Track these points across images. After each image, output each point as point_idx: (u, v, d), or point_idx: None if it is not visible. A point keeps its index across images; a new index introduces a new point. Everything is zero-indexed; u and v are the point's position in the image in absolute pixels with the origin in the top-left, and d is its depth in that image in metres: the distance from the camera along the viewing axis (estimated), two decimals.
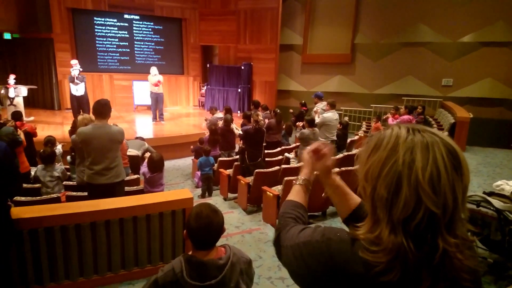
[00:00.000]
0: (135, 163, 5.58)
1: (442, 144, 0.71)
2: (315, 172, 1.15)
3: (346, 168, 4.51)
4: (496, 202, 3.02)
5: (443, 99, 10.16)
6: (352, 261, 0.74)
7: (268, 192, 4.31)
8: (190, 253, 1.53)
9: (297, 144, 7.02)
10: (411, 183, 0.68)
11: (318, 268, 0.79)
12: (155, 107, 9.73)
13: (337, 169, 4.40)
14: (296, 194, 1.11)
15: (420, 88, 10.58)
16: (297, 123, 6.63)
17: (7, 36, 10.06)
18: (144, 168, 4.30)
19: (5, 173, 2.36)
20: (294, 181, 1.15)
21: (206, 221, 1.47)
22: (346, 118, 9.20)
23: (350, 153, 5.79)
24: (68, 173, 4.92)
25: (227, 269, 1.46)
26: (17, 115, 5.96)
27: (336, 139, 6.39)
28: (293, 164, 5.56)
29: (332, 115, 6.25)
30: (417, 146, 0.70)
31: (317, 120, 6.09)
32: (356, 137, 8.10)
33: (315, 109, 7.34)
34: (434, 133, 0.73)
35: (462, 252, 0.69)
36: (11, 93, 7.93)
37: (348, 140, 7.38)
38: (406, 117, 6.58)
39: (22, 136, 5.05)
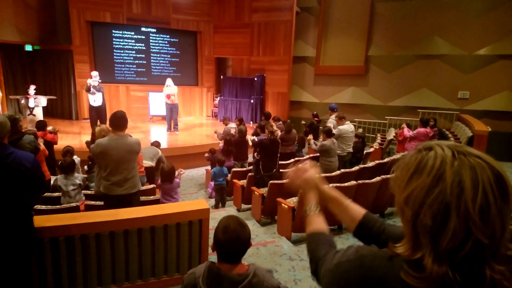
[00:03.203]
0: (149, 173, 5.65)
1: (489, 169, 0.67)
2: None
3: (363, 181, 4.46)
4: None
5: (460, 112, 10.01)
6: (390, 278, 0.73)
7: (283, 204, 4.28)
8: (216, 263, 1.54)
9: (311, 155, 6.99)
10: (461, 214, 0.65)
11: (353, 286, 0.78)
12: (170, 117, 9.87)
13: (354, 182, 4.35)
14: (317, 223, 1.08)
15: (436, 100, 10.45)
16: (308, 137, 6.60)
17: (28, 48, 10.44)
18: (159, 180, 4.34)
19: (34, 183, 2.43)
20: (305, 212, 1.12)
21: (233, 235, 1.47)
22: (361, 130, 9.12)
23: (365, 165, 5.73)
24: (86, 182, 5.01)
25: (242, 287, 1.44)
26: (41, 125, 6.11)
27: (352, 151, 6.34)
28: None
29: (348, 127, 6.23)
30: (465, 173, 0.66)
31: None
32: (371, 149, 8.02)
33: (329, 121, 7.32)
34: (480, 156, 0.69)
35: (509, 279, 0.66)
36: (31, 103, 8.16)
37: (364, 153, 7.30)
38: (423, 130, 6.49)
39: (42, 145, 5.17)
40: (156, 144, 6.42)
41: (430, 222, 0.67)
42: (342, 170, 5.36)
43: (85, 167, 5.50)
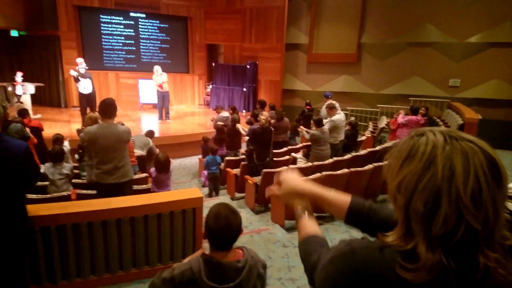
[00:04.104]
0: (141, 162, 5.59)
1: (481, 153, 0.66)
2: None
3: (355, 169, 4.50)
4: (510, 205, 2.99)
5: (450, 100, 10.10)
6: (383, 268, 0.71)
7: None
8: (208, 253, 1.53)
9: (304, 144, 7.01)
10: (452, 199, 0.64)
11: (348, 281, 0.75)
12: (161, 105, 9.75)
13: (346, 170, 4.38)
14: (306, 227, 1.06)
15: (427, 88, 10.51)
16: (299, 128, 6.60)
17: (14, 33, 10.10)
18: (151, 169, 4.29)
19: (27, 172, 2.39)
20: (296, 219, 1.11)
21: (224, 222, 1.46)
22: (353, 118, 9.15)
23: (357, 153, 5.77)
24: (77, 171, 4.94)
25: (245, 273, 1.46)
26: (23, 112, 5.97)
27: (344, 139, 6.37)
28: (301, 164, 5.55)
29: (340, 116, 6.25)
30: (456, 157, 0.66)
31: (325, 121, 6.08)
32: (363, 138, 8.07)
33: (322, 109, 7.33)
34: (472, 141, 0.68)
35: (504, 267, 0.65)
36: (19, 91, 7.96)
37: (356, 140, 7.35)
38: (414, 117, 6.54)
39: (29, 133, 5.07)
40: (150, 134, 6.34)
41: (421, 208, 0.67)
42: (335, 158, 5.39)
43: (76, 155, 5.41)
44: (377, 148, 6.37)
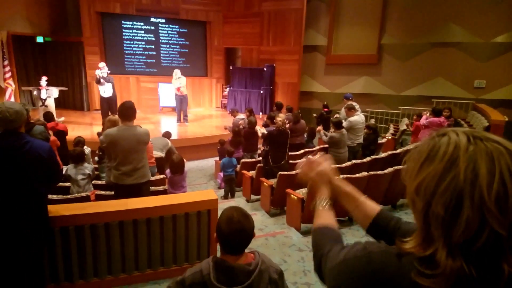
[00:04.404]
0: (160, 163, 5.67)
1: (508, 154, 0.62)
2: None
3: (375, 172, 4.38)
4: None
5: (475, 102, 9.72)
6: (399, 275, 0.68)
7: (292, 195, 4.24)
8: (219, 256, 1.52)
9: (321, 146, 6.90)
10: (475, 203, 0.60)
11: (359, 285, 0.73)
12: (179, 108, 9.88)
13: (365, 173, 4.28)
14: (324, 217, 1.03)
15: (451, 90, 10.17)
16: (317, 128, 6.51)
17: (39, 39, 10.53)
18: (167, 170, 4.34)
19: (49, 172, 2.46)
20: (314, 205, 1.08)
21: (237, 227, 1.44)
22: (373, 121, 8.95)
23: (377, 156, 5.62)
24: (96, 172, 5.05)
25: (255, 276, 1.43)
26: (48, 116, 6.18)
27: (362, 142, 6.23)
28: None
29: (358, 118, 6.12)
30: (480, 158, 0.61)
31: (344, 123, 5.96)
32: (383, 140, 7.88)
33: (341, 111, 7.21)
34: (498, 142, 0.64)
35: None
36: (43, 95, 8.25)
37: (377, 144, 7.15)
38: (436, 119, 6.31)
39: (52, 136, 5.24)
40: (167, 135, 6.43)
41: (442, 212, 0.63)
42: (353, 161, 5.28)
43: (96, 157, 5.55)
44: (398, 150, 6.19)
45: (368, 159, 5.42)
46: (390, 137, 8.16)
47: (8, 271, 2.53)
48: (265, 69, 11.75)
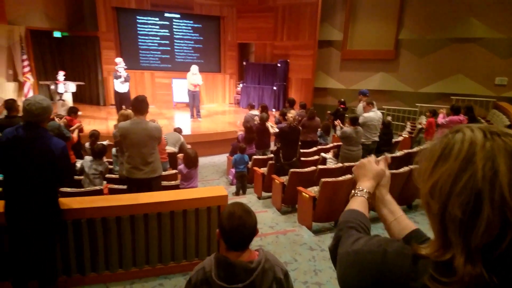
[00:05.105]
0: (172, 158, 5.69)
1: None
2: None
3: (390, 171, 4.25)
4: None
5: (497, 99, 9.38)
6: (411, 279, 0.64)
7: (303, 193, 4.17)
8: (222, 252, 1.49)
9: (335, 144, 6.79)
10: (495, 203, 0.55)
11: (369, 280, 0.71)
12: (192, 104, 9.91)
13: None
14: (358, 204, 1.00)
15: (471, 87, 9.84)
16: (336, 122, 6.39)
17: (57, 34, 10.70)
18: (180, 165, 4.35)
19: (61, 170, 2.49)
20: (354, 193, 1.04)
21: (238, 222, 1.42)
22: (389, 118, 8.73)
23: (392, 155, 5.48)
24: (111, 166, 5.11)
25: (257, 274, 1.39)
26: (72, 110, 6.30)
27: (377, 139, 6.08)
28: (330, 165, 5.37)
29: (374, 114, 5.96)
30: (499, 155, 0.57)
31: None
32: (400, 138, 7.69)
33: (358, 107, 7.07)
34: None
35: None
36: (60, 89, 8.41)
37: (392, 141, 7.00)
38: (455, 117, 6.11)
39: (75, 134, 5.35)
40: (178, 130, 6.45)
41: (459, 214, 0.58)
42: None
43: (113, 149, 5.60)
44: (415, 149, 6.03)
45: (382, 157, 5.29)
46: (406, 135, 7.97)
47: (21, 263, 2.58)
48: (278, 65, 11.64)
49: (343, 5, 11.25)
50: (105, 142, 5.80)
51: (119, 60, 8.96)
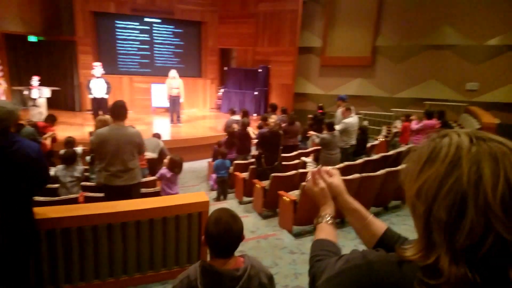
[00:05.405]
0: (152, 164, 5.62)
1: None
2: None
3: (367, 174, 4.37)
4: None
5: (468, 104, 9.80)
6: (401, 285, 0.65)
7: (284, 197, 4.21)
8: (207, 260, 1.49)
9: (315, 148, 6.89)
10: (479, 205, 0.57)
11: None
12: (172, 109, 9.82)
13: (357, 175, 4.27)
14: (323, 232, 1.02)
15: (443, 92, 10.25)
16: (309, 132, 6.49)
17: (32, 38, 10.39)
18: (163, 170, 4.30)
19: (38, 174, 2.41)
20: (317, 221, 1.06)
21: (225, 227, 1.41)
22: (366, 122, 8.98)
23: (369, 158, 5.62)
24: (87, 173, 4.98)
25: (243, 282, 1.39)
26: (50, 118, 6.12)
27: (355, 143, 6.23)
28: (310, 168, 5.45)
29: (353, 120, 6.11)
30: (484, 159, 0.59)
31: (337, 125, 5.96)
32: (376, 142, 7.89)
33: (337, 112, 7.21)
34: (502, 142, 0.61)
35: None
36: (34, 94, 8.15)
37: (368, 145, 7.19)
38: (429, 122, 6.34)
39: (49, 141, 5.18)
40: (157, 135, 6.38)
41: (444, 216, 0.60)
42: (346, 163, 5.27)
43: (87, 158, 5.47)
44: (390, 152, 6.20)
45: (360, 161, 5.42)
46: (382, 139, 8.19)
47: None
48: (260, 70, 11.74)
49: (323, 13, 11.51)
50: (78, 148, 5.66)
51: (97, 64, 8.78)
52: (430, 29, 10.17)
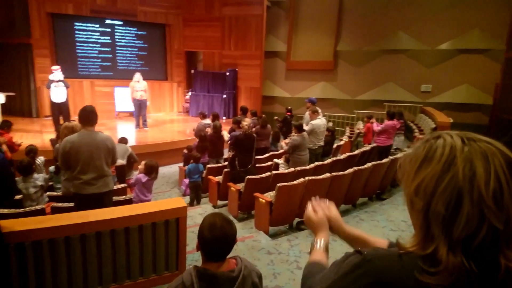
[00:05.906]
0: (121, 171, 5.46)
1: (500, 154, 0.66)
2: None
3: (337, 173, 4.56)
4: None
5: (423, 105, 10.49)
6: (403, 275, 0.70)
7: (260, 199, 4.28)
8: (201, 265, 1.50)
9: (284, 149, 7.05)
10: (474, 199, 0.64)
11: None
12: (138, 113, 9.56)
13: (328, 175, 4.44)
14: (318, 256, 1.07)
15: (400, 94, 10.89)
16: (283, 141, 6.64)
17: None
18: (138, 175, 4.21)
19: (4, 185, 2.27)
20: (313, 248, 1.11)
21: (220, 232, 1.43)
22: (331, 124, 9.32)
23: (337, 158, 5.86)
24: (51, 183, 4.74)
25: (239, 282, 1.42)
26: (6, 124, 5.73)
27: (323, 144, 6.46)
28: (282, 169, 5.57)
29: (320, 121, 6.33)
30: (476, 158, 0.66)
31: (305, 126, 6.15)
32: (341, 142, 8.22)
33: (305, 115, 7.42)
34: (489, 142, 0.69)
35: None
36: None
37: (334, 146, 7.48)
38: (390, 122, 6.72)
39: (5, 147, 4.85)
40: (123, 141, 6.20)
41: (443, 210, 0.66)
42: (316, 163, 5.45)
43: (51, 167, 5.19)
44: (355, 152, 6.50)
45: (329, 161, 5.64)
46: (347, 140, 8.54)
47: None
48: (227, 74, 11.77)
49: (286, 18, 11.80)
50: (39, 159, 5.34)
51: (56, 67, 8.33)
52: (386, 34, 10.78)
